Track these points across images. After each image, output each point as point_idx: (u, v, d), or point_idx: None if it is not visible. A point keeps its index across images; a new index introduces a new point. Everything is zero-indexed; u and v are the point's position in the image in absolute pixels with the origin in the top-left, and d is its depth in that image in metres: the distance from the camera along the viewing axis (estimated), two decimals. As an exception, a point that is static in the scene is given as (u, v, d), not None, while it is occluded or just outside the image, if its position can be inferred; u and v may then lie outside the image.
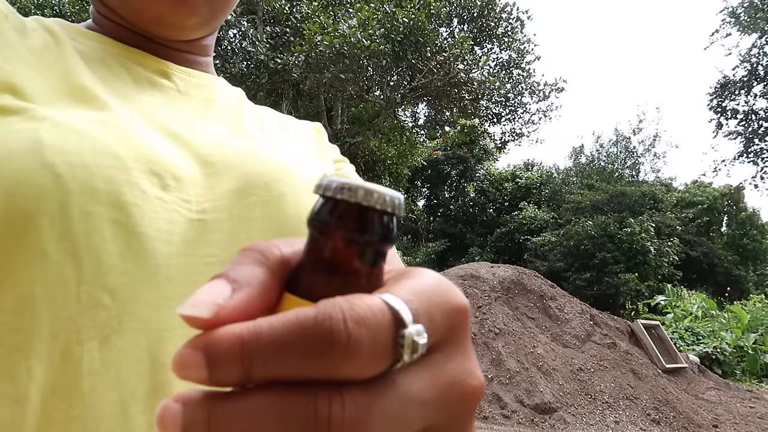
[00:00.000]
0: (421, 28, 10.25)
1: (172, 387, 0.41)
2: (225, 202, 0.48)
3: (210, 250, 0.45)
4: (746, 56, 17.69)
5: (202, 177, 0.48)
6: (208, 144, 0.51)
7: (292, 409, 0.17)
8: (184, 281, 0.43)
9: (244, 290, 0.19)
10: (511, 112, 14.03)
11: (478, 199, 22.58)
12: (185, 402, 0.18)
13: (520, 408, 5.43)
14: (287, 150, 0.58)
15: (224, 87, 0.64)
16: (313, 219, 0.20)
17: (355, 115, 13.91)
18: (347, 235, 0.20)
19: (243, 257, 0.21)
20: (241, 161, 0.51)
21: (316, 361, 0.17)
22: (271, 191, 0.50)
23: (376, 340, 0.17)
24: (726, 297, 18.41)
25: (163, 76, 0.56)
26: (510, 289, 7.10)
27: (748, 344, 9.53)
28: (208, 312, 0.18)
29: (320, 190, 0.20)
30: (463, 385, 0.20)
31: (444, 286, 0.21)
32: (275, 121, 0.66)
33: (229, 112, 0.59)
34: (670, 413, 5.74)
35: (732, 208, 21.16)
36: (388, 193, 0.20)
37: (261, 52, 11.37)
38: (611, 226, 15.94)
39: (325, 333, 0.17)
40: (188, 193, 0.46)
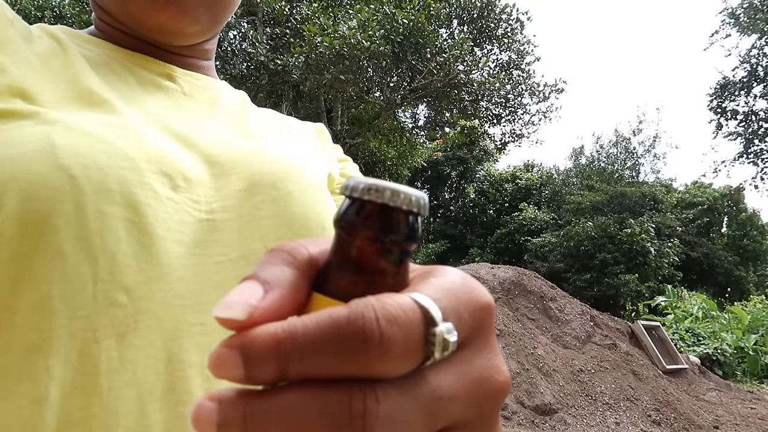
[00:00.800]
0: (421, 29, 10.25)
1: (188, 385, 0.42)
2: (233, 201, 0.49)
3: (220, 249, 0.46)
4: (746, 57, 17.69)
5: (210, 177, 0.49)
6: (215, 145, 0.52)
7: (328, 405, 0.17)
8: (196, 281, 0.44)
9: (276, 291, 0.20)
10: (511, 113, 14.03)
11: (478, 200, 22.58)
12: (220, 400, 0.18)
13: (520, 409, 5.42)
14: (292, 150, 0.59)
15: (228, 90, 0.65)
16: (340, 219, 0.21)
17: (355, 116, 13.92)
18: (374, 234, 0.20)
19: (271, 258, 0.21)
20: (248, 161, 0.52)
21: (350, 359, 0.17)
22: (278, 190, 0.51)
23: (407, 338, 0.18)
24: (726, 298, 18.39)
25: (168, 79, 0.58)
26: (510, 290, 7.10)
27: (749, 345, 9.52)
28: (242, 313, 0.18)
29: (347, 191, 0.20)
30: (491, 381, 0.21)
31: (469, 283, 0.22)
32: (278, 123, 0.67)
33: (234, 113, 0.60)
34: (671, 414, 5.73)
35: (732, 209, 21.16)
36: (413, 193, 0.20)
37: (261, 54, 11.37)
38: (611, 227, 15.94)
39: (359, 332, 0.17)
40: (197, 194, 0.47)
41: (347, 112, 13.53)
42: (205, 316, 0.44)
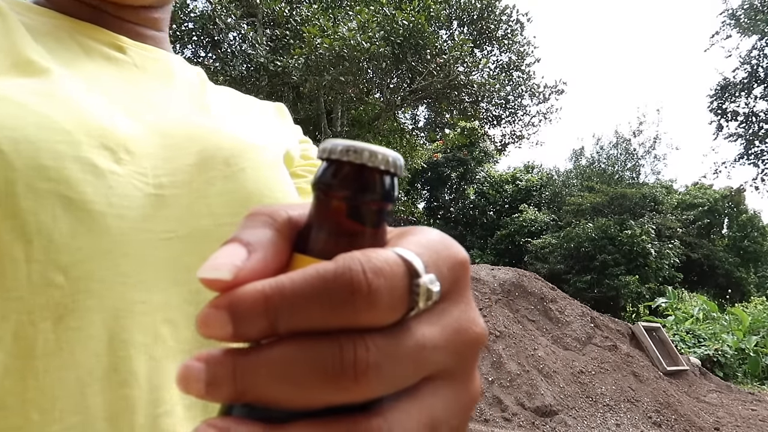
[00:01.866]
0: (421, 30, 10.25)
1: (132, 365, 0.40)
2: (184, 176, 0.47)
3: (168, 225, 0.45)
4: (746, 58, 17.69)
5: (160, 149, 0.47)
6: (165, 118, 0.50)
7: (319, 355, 0.18)
8: (140, 257, 0.42)
9: (259, 252, 0.20)
10: (511, 114, 14.02)
11: (478, 202, 22.58)
12: (207, 359, 0.18)
13: (520, 411, 5.41)
14: (248, 126, 0.57)
15: (183, 64, 0.63)
16: (319, 182, 0.21)
17: (355, 117, 13.92)
18: (353, 195, 0.21)
19: (251, 221, 0.22)
20: (201, 136, 0.50)
21: (339, 310, 0.18)
22: (231, 166, 0.49)
23: (393, 289, 0.18)
24: (727, 299, 18.37)
25: (118, 50, 0.55)
26: (510, 292, 7.08)
27: (750, 346, 9.51)
28: (228, 274, 0.19)
29: (325, 154, 0.21)
30: (469, 331, 0.22)
31: (447, 241, 0.22)
32: (236, 99, 0.65)
33: (189, 88, 0.58)
34: (672, 416, 5.72)
35: (733, 210, 21.15)
36: (390, 154, 0.21)
37: (261, 55, 11.37)
38: (612, 229, 15.93)
39: (347, 284, 0.18)
40: (144, 166, 0.45)
41: (347, 113, 13.53)
42: (150, 294, 0.42)
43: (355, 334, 0.18)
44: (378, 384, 0.18)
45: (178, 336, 0.43)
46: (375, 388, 0.18)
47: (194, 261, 0.45)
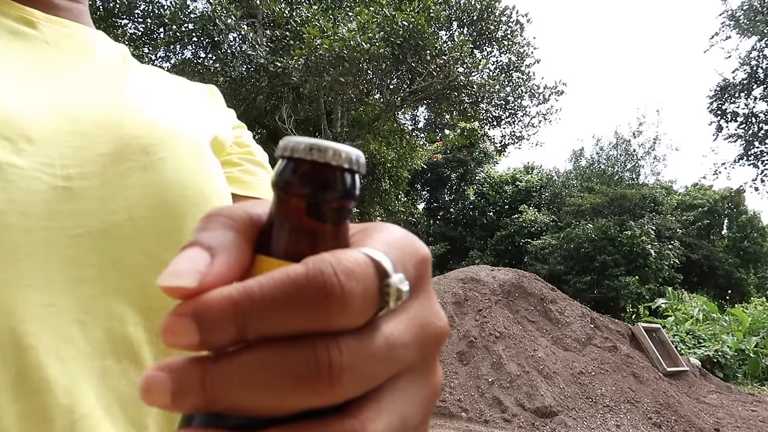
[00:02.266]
0: (421, 31, 10.25)
1: (42, 371, 0.38)
2: (95, 167, 0.43)
3: (78, 220, 0.41)
4: (746, 59, 17.70)
5: (69, 137, 0.43)
6: (78, 101, 0.46)
7: (292, 360, 0.17)
8: (46, 257, 0.39)
9: (222, 256, 0.19)
10: (511, 115, 14.02)
11: (478, 202, 22.58)
12: (171, 368, 0.18)
13: (520, 412, 5.40)
14: (172, 111, 0.52)
15: (105, 41, 0.57)
16: (280, 180, 0.21)
17: (354, 118, 13.92)
18: (319, 193, 0.20)
19: (210, 223, 0.21)
20: (117, 122, 0.46)
21: (311, 314, 0.17)
22: (149, 155, 0.45)
23: (365, 290, 0.18)
24: (727, 300, 18.37)
25: (28, 25, 0.50)
26: (510, 293, 7.08)
27: (750, 347, 9.51)
28: (192, 280, 0.18)
29: (287, 152, 0.20)
30: (434, 326, 0.22)
31: (410, 237, 0.22)
32: (162, 81, 0.60)
33: (110, 68, 0.53)
34: (672, 417, 5.71)
35: (732, 211, 21.15)
36: (352, 151, 0.21)
37: (261, 56, 11.37)
38: (611, 229, 15.93)
39: (319, 287, 0.17)
40: (50, 156, 0.41)
41: (347, 114, 13.53)
42: (57, 296, 0.39)
43: (327, 337, 0.18)
44: (351, 385, 0.18)
45: (88, 336, 0.41)
46: (349, 390, 0.18)
47: (105, 259, 0.42)
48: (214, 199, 0.48)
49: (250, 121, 13.68)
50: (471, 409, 5.44)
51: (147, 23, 11.98)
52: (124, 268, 0.43)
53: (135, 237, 0.43)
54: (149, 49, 12.64)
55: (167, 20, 11.53)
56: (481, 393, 5.64)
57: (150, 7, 11.61)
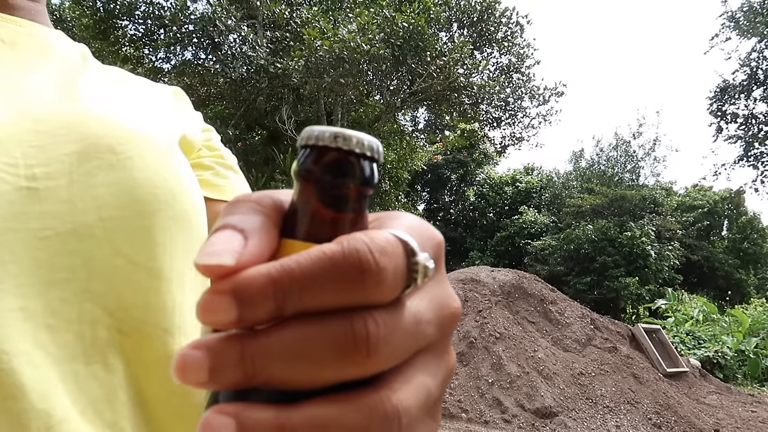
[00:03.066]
0: (421, 32, 10.27)
1: (16, 377, 0.37)
2: (62, 166, 0.42)
3: (46, 222, 0.40)
4: (746, 60, 17.71)
5: (32, 136, 0.42)
6: (40, 101, 0.45)
7: (332, 332, 0.18)
8: (13, 260, 0.38)
9: (254, 237, 0.20)
10: (511, 116, 14.03)
11: (478, 204, 22.58)
12: (207, 346, 0.18)
13: (520, 412, 5.41)
14: (137, 111, 0.52)
15: (63, 41, 0.56)
16: (306, 168, 0.21)
17: (355, 119, 13.93)
18: (342, 180, 0.21)
19: (238, 207, 0.21)
20: (82, 121, 0.45)
21: (348, 289, 0.18)
22: (117, 155, 0.44)
23: (396, 267, 0.19)
24: (727, 301, 18.37)
25: None
26: (510, 293, 7.09)
27: (750, 348, 9.51)
28: (230, 259, 0.19)
29: (311, 140, 0.21)
30: (450, 306, 0.23)
31: (425, 224, 0.23)
32: (125, 82, 0.59)
33: (70, 67, 0.52)
34: (672, 417, 5.72)
35: (732, 212, 21.15)
36: (373, 140, 0.22)
37: (261, 57, 11.39)
38: (611, 230, 15.93)
39: (355, 263, 0.18)
40: (13, 156, 0.40)
41: (347, 115, 13.54)
42: (27, 300, 0.39)
43: (363, 311, 0.19)
44: (386, 358, 0.19)
45: (58, 340, 0.40)
46: (384, 362, 0.19)
47: (75, 260, 0.41)
48: (184, 197, 0.48)
49: (251, 122, 13.69)
50: (471, 410, 5.44)
51: (147, 24, 11.99)
52: (95, 269, 0.42)
53: (105, 237, 0.43)
54: (149, 50, 12.66)
55: (167, 21, 11.55)
56: (481, 394, 5.64)
57: (150, 9, 11.62)
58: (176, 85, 0.65)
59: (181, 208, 0.47)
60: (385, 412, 0.19)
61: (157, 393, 0.46)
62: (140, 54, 12.65)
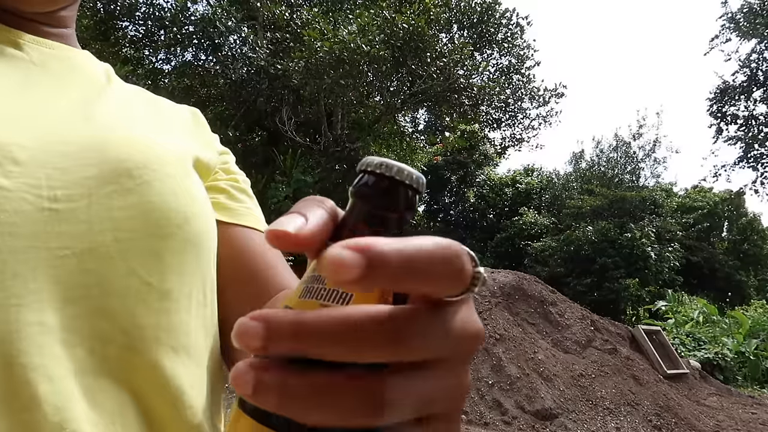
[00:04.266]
0: (421, 33, 10.27)
1: (32, 389, 0.39)
2: (82, 189, 0.44)
3: (65, 241, 0.42)
4: (746, 62, 17.72)
5: (56, 158, 0.44)
6: (65, 123, 0.47)
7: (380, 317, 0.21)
8: (33, 277, 0.40)
9: (314, 221, 0.25)
10: (511, 117, 14.05)
11: (478, 205, 22.58)
12: (266, 318, 0.21)
13: (520, 414, 5.40)
14: (155, 133, 0.54)
15: (90, 61, 0.59)
16: (360, 189, 0.26)
17: (355, 120, 13.93)
18: (386, 202, 0.26)
19: (306, 203, 0.26)
20: (103, 145, 0.47)
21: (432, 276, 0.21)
22: (134, 179, 0.46)
23: (465, 268, 0.22)
24: (727, 302, 18.35)
25: (14, 47, 0.51)
26: (510, 295, 7.08)
27: (750, 350, 9.50)
28: (292, 229, 0.23)
29: (363, 166, 0.26)
30: (474, 327, 0.25)
31: None
32: (146, 102, 0.61)
33: (94, 88, 0.54)
34: (672, 419, 5.71)
35: (732, 214, 21.16)
36: (414, 172, 0.26)
37: (261, 58, 11.40)
38: (611, 232, 15.93)
39: (447, 255, 0.22)
40: (37, 177, 0.42)
41: (347, 116, 13.54)
42: (44, 315, 0.40)
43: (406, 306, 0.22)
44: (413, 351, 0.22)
45: (72, 355, 0.42)
46: (410, 355, 0.22)
47: (90, 278, 0.43)
48: (197, 221, 0.50)
49: (251, 123, 13.69)
50: (471, 411, 5.44)
51: (148, 25, 12.00)
52: (109, 288, 0.44)
53: (120, 258, 0.45)
54: (150, 52, 12.67)
55: (168, 22, 11.56)
56: (481, 395, 5.64)
57: (150, 10, 11.63)
58: (176, 86, 0.66)
59: (193, 231, 0.49)
60: (373, 394, 0.21)
61: (164, 412, 0.47)
62: (140, 55, 12.65)
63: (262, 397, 0.21)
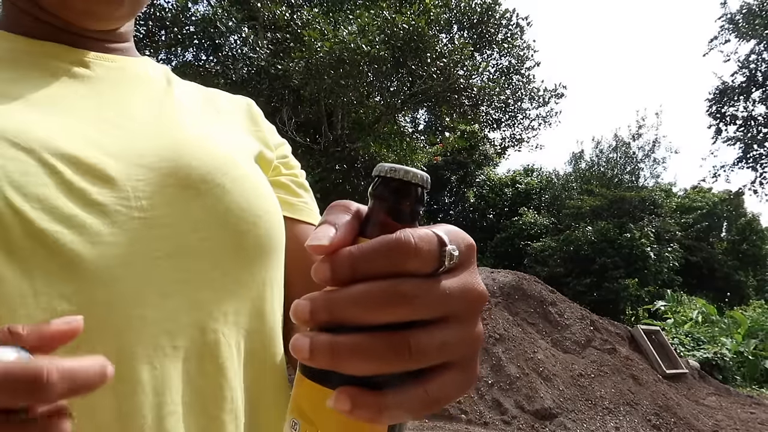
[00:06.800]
0: (421, 34, 10.28)
1: (137, 374, 0.45)
2: (163, 198, 0.49)
3: (155, 245, 0.48)
4: (745, 62, 17.74)
5: (137, 171, 0.49)
6: (139, 136, 0.52)
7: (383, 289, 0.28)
8: (135, 278, 0.46)
9: (342, 229, 0.30)
10: (511, 117, 14.05)
11: (478, 205, 22.59)
12: (310, 299, 0.29)
13: (520, 414, 5.42)
14: (221, 135, 0.59)
15: (150, 66, 0.63)
16: (374, 191, 0.32)
17: (355, 120, 13.93)
18: (397, 199, 0.32)
19: (334, 209, 0.32)
20: (175, 153, 0.52)
21: (399, 262, 0.28)
22: (207, 183, 0.51)
23: (430, 250, 0.28)
24: (726, 302, 18.38)
25: (82, 66, 0.55)
26: (510, 295, 7.10)
27: (749, 350, 9.52)
28: (327, 241, 0.29)
29: (377, 172, 0.32)
30: (476, 289, 0.31)
31: (461, 231, 0.32)
32: (205, 100, 0.65)
33: (158, 94, 0.59)
34: (671, 419, 5.73)
35: (731, 214, 21.18)
36: (420, 173, 0.32)
37: (261, 58, 11.40)
38: (611, 232, 15.94)
39: (404, 245, 0.28)
40: (125, 190, 0.48)
41: (347, 116, 13.55)
42: (146, 310, 0.46)
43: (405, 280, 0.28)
44: (418, 309, 0.28)
45: (174, 343, 0.48)
46: (416, 312, 0.28)
47: (181, 275, 0.49)
48: (268, 217, 0.56)
49: (251, 124, 13.65)
50: (470, 411, 5.46)
51: (148, 26, 11.99)
52: (199, 282, 0.50)
53: (204, 255, 0.50)
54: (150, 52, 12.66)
55: (168, 23, 11.56)
56: (481, 395, 5.66)
57: (151, 10, 11.62)
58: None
59: (265, 227, 0.55)
60: (401, 344, 0.28)
61: (256, 391, 0.55)
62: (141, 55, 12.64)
63: (317, 358, 0.28)
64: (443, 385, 0.30)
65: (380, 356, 0.28)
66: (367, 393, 0.28)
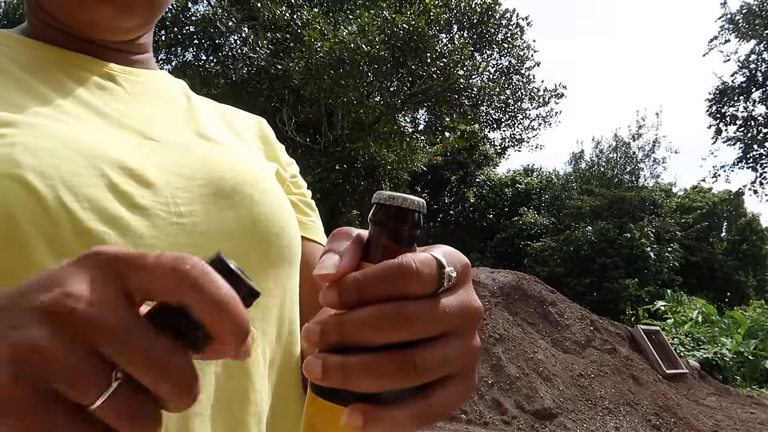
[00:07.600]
0: (421, 34, 10.28)
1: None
2: (199, 206, 0.52)
3: (192, 249, 0.49)
4: (745, 62, 17.74)
5: (174, 179, 0.52)
6: (173, 148, 0.55)
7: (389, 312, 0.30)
8: None
9: (346, 256, 0.33)
10: (511, 117, 14.06)
11: (478, 205, 22.59)
12: (320, 322, 0.31)
13: (520, 414, 5.42)
14: (244, 151, 0.63)
15: (169, 81, 0.66)
16: (374, 218, 0.34)
17: (355, 120, 13.93)
18: (396, 225, 0.34)
19: (337, 237, 0.35)
20: (210, 166, 0.55)
21: (402, 285, 0.31)
22: (238, 194, 0.54)
23: (431, 272, 0.31)
24: (726, 302, 18.37)
25: (109, 79, 0.58)
26: (510, 295, 7.10)
27: (749, 350, 9.52)
28: (334, 270, 0.31)
29: (376, 199, 0.34)
30: (473, 305, 0.34)
31: (458, 252, 0.36)
32: (221, 117, 0.68)
33: (182, 110, 0.62)
34: (671, 419, 5.73)
35: (732, 214, 21.19)
36: (416, 199, 0.34)
37: (261, 58, 11.41)
38: (611, 232, 15.94)
39: (406, 269, 0.30)
40: (165, 197, 0.50)
41: (347, 116, 13.55)
42: None
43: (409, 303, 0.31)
44: (422, 329, 0.31)
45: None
46: (420, 332, 0.31)
47: None
48: (289, 229, 0.59)
49: (251, 124, 13.66)
50: (470, 411, 5.46)
51: (148, 25, 11.99)
52: None
53: (236, 261, 0.50)
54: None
55: (168, 23, 11.56)
56: (481, 395, 5.66)
57: (151, 10, 11.62)
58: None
59: (287, 238, 0.59)
60: (407, 362, 0.30)
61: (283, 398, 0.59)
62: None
63: (329, 378, 0.30)
64: (446, 396, 0.33)
65: (388, 374, 0.30)
66: (377, 409, 0.30)
